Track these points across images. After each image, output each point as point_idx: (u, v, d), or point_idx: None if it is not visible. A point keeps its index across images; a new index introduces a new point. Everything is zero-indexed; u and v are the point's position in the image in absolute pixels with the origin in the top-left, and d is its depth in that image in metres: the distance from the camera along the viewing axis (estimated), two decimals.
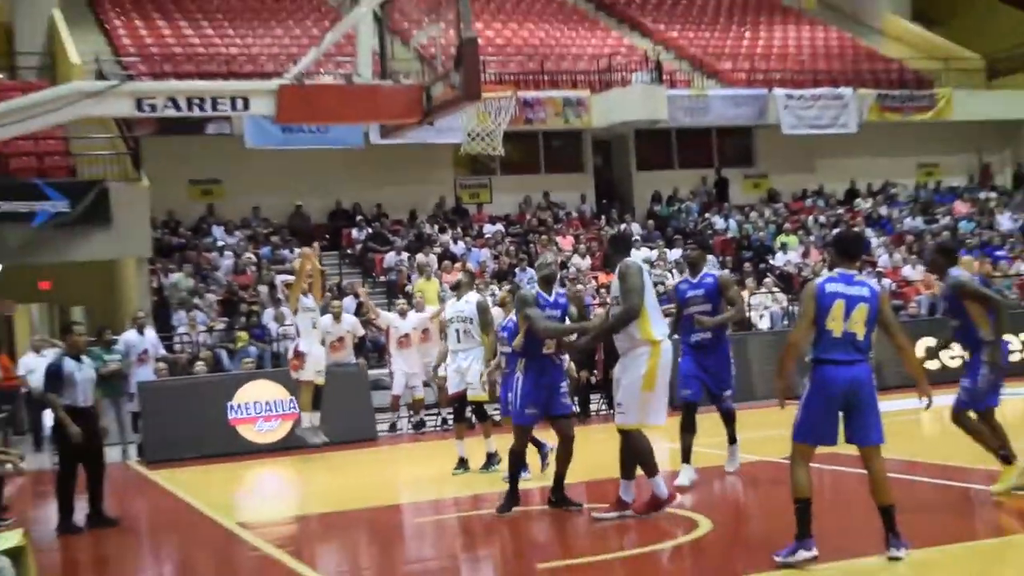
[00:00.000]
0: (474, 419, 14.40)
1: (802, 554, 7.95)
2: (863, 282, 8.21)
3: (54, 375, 12.61)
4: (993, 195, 34.20)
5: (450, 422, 17.14)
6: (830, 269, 8.68)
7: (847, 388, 8.00)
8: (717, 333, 12.07)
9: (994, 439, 10.45)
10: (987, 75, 36.60)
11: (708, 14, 39.50)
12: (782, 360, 8.37)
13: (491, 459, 14.06)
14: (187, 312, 22.57)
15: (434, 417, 20.37)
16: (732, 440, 12.48)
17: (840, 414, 8.09)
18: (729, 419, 12.33)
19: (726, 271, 23.42)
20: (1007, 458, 10.36)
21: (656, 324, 9.97)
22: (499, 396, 13.47)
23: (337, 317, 19.81)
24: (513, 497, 11.07)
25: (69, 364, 12.63)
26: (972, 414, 10.49)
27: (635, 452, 10.17)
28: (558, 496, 11.00)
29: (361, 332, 20.68)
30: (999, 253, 28.92)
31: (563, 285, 24.17)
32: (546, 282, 10.98)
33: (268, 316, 22.85)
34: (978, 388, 10.32)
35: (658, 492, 10.17)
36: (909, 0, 40.81)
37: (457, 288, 14.69)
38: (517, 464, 11.16)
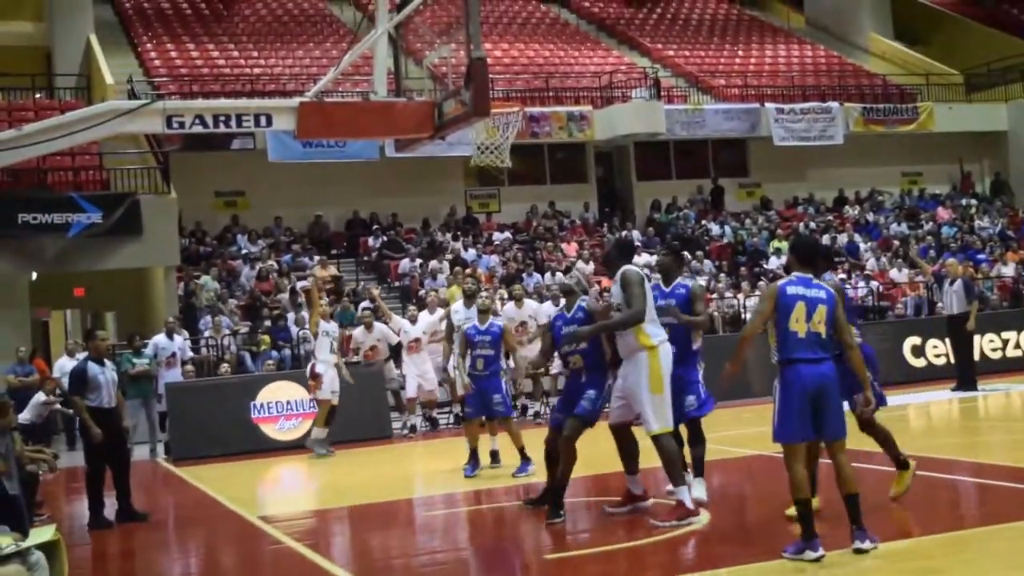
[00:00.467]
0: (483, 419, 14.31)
1: (808, 554, 7.79)
2: (820, 285, 8.24)
3: (78, 378, 12.50)
4: (974, 202, 34.07)
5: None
6: (787, 273, 8.57)
7: (817, 385, 7.95)
8: (685, 344, 10.22)
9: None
10: (966, 90, 36.45)
11: (703, 34, 39.44)
12: (736, 352, 8.40)
13: (495, 456, 13.92)
14: (213, 317, 22.47)
15: (446, 415, 20.26)
16: (697, 471, 10.51)
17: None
18: (693, 435, 10.44)
19: (699, 281, 22.90)
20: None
21: (652, 330, 9.59)
22: (468, 397, 13.44)
23: (369, 327, 19.73)
24: (548, 493, 10.54)
25: (93, 367, 12.52)
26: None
27: (664, 457, 9.64)
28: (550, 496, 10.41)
29: (394, 339, 20.07)
30: (980, 256, 28.77)
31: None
32: (565, 296, 10.69)
33: (290, 320, 22.74)
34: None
35: (684, 500, 9.56)
36: (892, 20, 40.64)
37: (471, 297, 14.57)
38: (547, 459, 10.71)
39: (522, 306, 19.24)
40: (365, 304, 22.80)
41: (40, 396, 18.01)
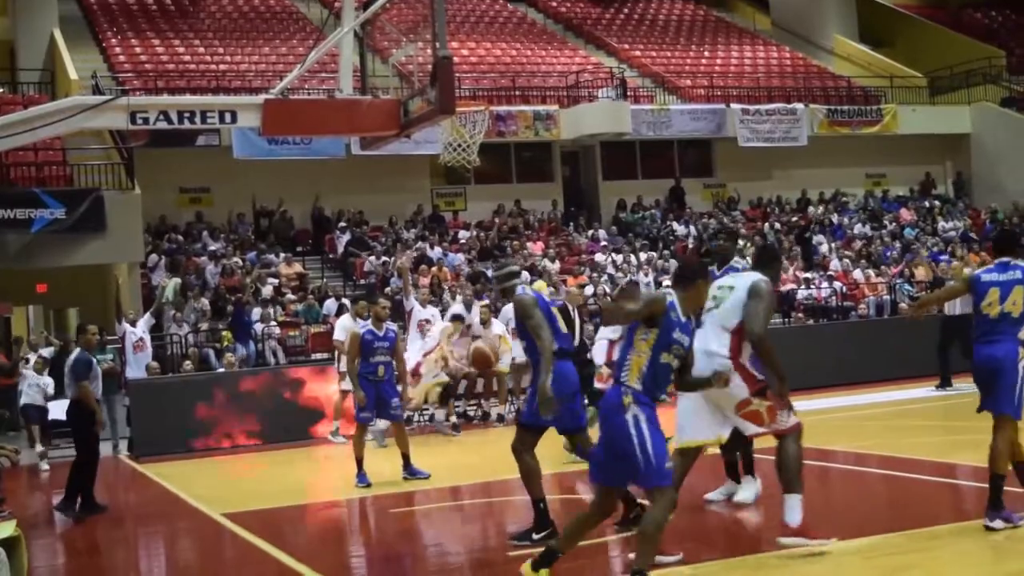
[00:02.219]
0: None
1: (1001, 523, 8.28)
2: (1017, 266, 8.67)
3: (86, 367, 12.71)
4: (937, 203, 34.35)
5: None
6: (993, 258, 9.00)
7: (984, 363, 8.48)
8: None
9: None
10: (929, 92, 36.75)
11: (669, 34, 39.58)
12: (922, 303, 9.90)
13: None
14: (176, 313, 22.31)
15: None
16: (748, 469, 10.24)
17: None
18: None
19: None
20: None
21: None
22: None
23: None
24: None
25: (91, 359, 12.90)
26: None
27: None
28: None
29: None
30: (942, 257, 29.00)
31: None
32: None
33: (254, 315, 22.63)
34: None
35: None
36: (856, 22, 40.88)
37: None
38: None
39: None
40: (328, 303, 22.73)
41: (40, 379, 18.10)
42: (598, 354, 14.08)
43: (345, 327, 18.07)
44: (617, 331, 13.67)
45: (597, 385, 14.19)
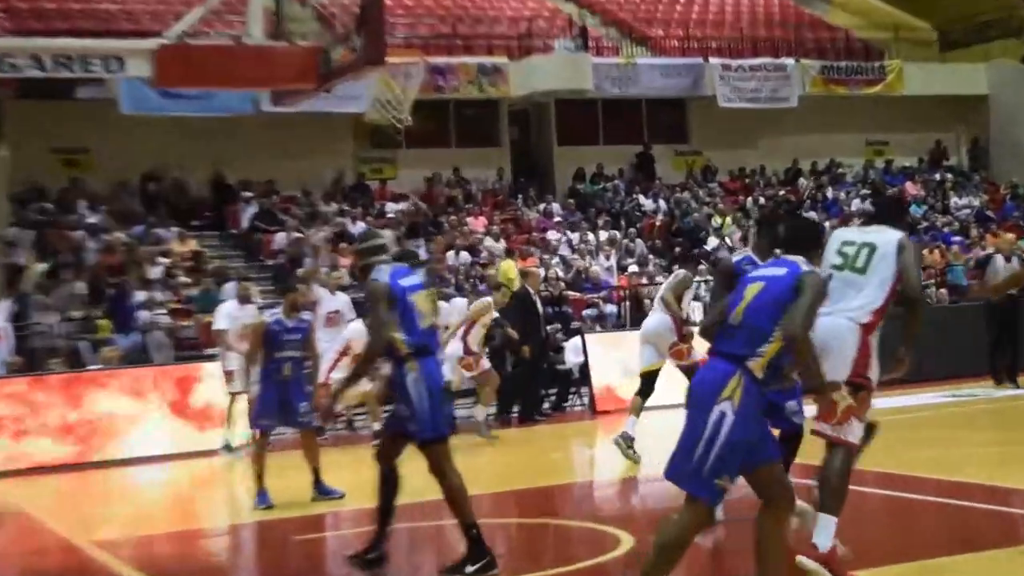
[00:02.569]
0: None
1: None
2: None
3: None
4: (949, 176, 34.55)
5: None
6: None
7: None
8: None
9: None
10: (940, 47, 37.03)
11: None
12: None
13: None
14: (45, 297, 21.95)
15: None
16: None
17: None
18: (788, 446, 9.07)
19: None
20: None
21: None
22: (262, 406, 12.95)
23: (244, 300, 18.92)
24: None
25: None
26: None
27: None
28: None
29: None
30: (955, 239, 29.22)
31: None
32: None
33: (140, 300, 22.32)
34: None
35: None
36: None
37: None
38: None
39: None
40: (228, 286, 22.59)
41: None
42: (662, 331, 14.00)
43: (228, 314, 17.81)
44: (656, 314, 14.09)
45: (677, 362, 14.07)
